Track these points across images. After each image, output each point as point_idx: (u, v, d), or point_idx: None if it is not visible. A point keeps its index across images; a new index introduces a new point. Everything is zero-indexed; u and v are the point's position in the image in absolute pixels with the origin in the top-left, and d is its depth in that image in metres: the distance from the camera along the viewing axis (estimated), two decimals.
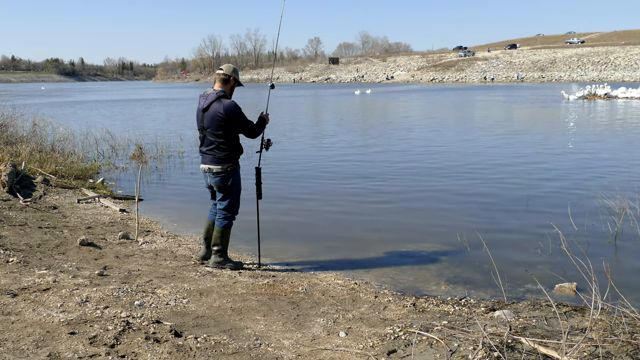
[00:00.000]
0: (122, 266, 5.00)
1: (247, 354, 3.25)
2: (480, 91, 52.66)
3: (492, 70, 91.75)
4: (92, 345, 3.10)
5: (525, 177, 9.89)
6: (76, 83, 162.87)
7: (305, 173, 10.86)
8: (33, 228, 6.02)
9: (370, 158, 12.65)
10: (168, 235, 6.45)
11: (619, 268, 5.25)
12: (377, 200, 8.34)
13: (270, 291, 4.47)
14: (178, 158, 12.74)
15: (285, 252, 5.92)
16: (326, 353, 3.33)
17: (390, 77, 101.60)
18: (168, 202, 8.44)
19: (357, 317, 3.98)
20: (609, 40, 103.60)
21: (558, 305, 4.08)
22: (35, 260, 4.89)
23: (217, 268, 5.08)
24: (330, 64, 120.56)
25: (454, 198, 8.42)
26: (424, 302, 4.41)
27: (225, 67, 4.99)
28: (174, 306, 3.96)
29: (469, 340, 3.36)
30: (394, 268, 5.39)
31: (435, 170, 10.87)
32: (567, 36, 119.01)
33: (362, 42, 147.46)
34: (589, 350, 3.13)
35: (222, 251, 5.08)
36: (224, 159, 4.89)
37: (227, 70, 4.94)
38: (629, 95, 34.73)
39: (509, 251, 5.82)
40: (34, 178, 8.62)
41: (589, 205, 7.57)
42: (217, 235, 5.03)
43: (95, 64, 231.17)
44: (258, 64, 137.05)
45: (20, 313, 3.53)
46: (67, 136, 12.67)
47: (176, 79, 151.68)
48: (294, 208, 7.96)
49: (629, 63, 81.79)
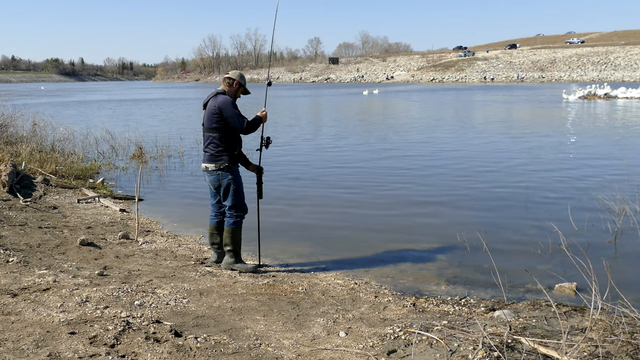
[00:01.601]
0: (122, 266, 5.00)
1: (247, 354, 3.25)
2: (481, 91, 52.66)
3: (492, 70, 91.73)
4: (92, 345, 3.10)
5: (525, 177, 9.89)
6: (76, 83, 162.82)
7: (305, 173, 10.85)
8: (33, 228, 6.02)
9: (371, 158, 12.65)
10: (168, 235, 6.46)
11: (619, 268, 5.25)
12: (377, 201, 8.34)
13: (270, 291, 4.48)
14: (178, 158, 12.74)
15: (285, 252, 5.92)
16: (326, 353, 3.34)
17: (390, 77, 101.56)
18: (168, 202, 8.44)
19: (357, 317, 3.98)
20: (609, 40, 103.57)
21: (558, 305, 4.08)
22: (35, 260, 4.89)
23: (228, 269, 5.09)
24: (330, 64, 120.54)
25: (454, 198, 8.41)
26: (424, 302, 4.41)
27: (232, 72, 5.11)
28: (174, 306, 3.96)
29: (469, 340, 3.36)
30: (394, 268, 5.39)
31: (436, 170, 10.87)
32: (567, 36, 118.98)
33: (362, 42, 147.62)
34: (589, 350, 3.13)
35: (233, 251, 5.09)
36: (217, 156, 4.89)
37: (232, 74, 5.06)
38: (629, 95, 34.73)
39: (509, 251, 5.83)
40: (34, 178, 8.62)
41: (589, 205, 7.57)
42: (227, 235, 5.06)
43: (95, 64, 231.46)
44: (258, 64, 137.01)
45: (20, 313, 3.53)
46: (67, 136, 12.67)
47: (176, 79, 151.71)
48: (294, 208, 7.95)
49: (629, 63, 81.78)
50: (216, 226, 5.16)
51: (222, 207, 5.10)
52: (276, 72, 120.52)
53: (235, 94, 5.03)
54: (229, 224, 5.03)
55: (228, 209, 5.01)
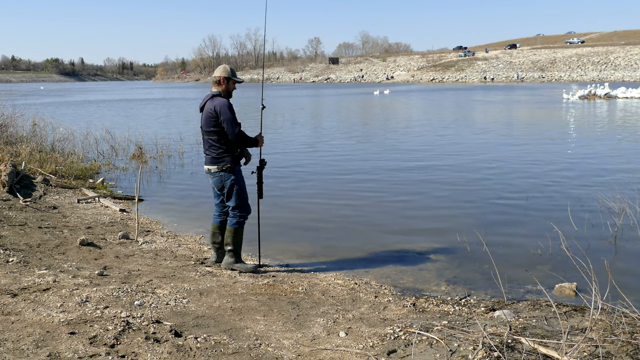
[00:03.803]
0: (122, 266, 5.00)
1: (247, 354, 3.25)
2: (481, 91, 52.67)
3: (492, 70, 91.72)
4: (92, 345, 3.10)
5: (526, 177, 9.89)
6: (76, 83, 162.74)
7: (305, 173, 10.86)
8: (33, 228, 6.02)
9: (371, 158, 12.65)
10: (168, 235, 6.45)
11: (619, 268, 5.24)
12: (377, 200, 8.34)
13: (270, 291, 4.48)
14: (178, 158, 12.74)
15: (285, 252, 5.92)
16: (326, 353, 3.33)
17: (390, 77, 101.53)
18: (168, 202, 8.44)
19: (357, 317, 3.98)
20: (609, 40, 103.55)
21: (558, 305, 4.08)
22: (35, 260, 4.89)
23: (228, 269, 5.09)
24: (330, 64, 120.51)
25: (454, 198, 8.41)
26: (424, 302, 4.41)
27: (216, 70, 5.04)
28: (174, 306, 3.96)
29: (469, 340, 3.36)
30: (394, 268, 5.39)
31: (436, 170, 10.87)
32: (567, 36, 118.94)
33: (362, 42, 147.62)
34: (589, 350, 3.13)
35: (234, 251, 5.08)
36: (218, 158, 4.89)
37: (217, 72, 4.99)
38: (629, 95, 34.74)
39: (509, 251, 5.83)
40: (34, 178, 8.62)
41: (589, 205, 7.57)
42: (228, 235, 5.06)
43: (95, 64, 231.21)
44: (258, 64, 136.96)
45: (20, 313, 3.53)
46: (67, 136, 12.66)
47: (176, 79, 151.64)
48: (295, 208, 7.96)
49: (629, 63, 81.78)
50: (219, 225, 5.16)
51: (226, 207, 5.10)
52: (276, 72, 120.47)
53: (229, 89, 4.99)
54: (232, 223, 5.03)
55: (232, 209, 5.01)
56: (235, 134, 4.81)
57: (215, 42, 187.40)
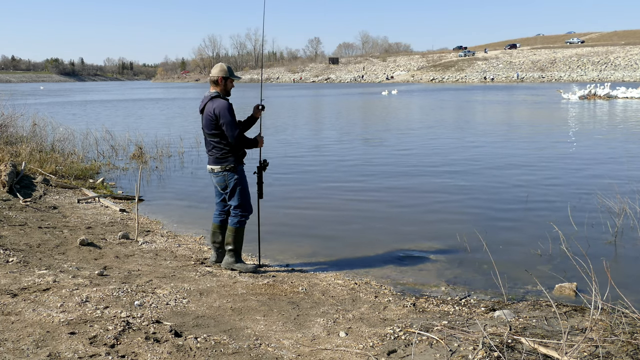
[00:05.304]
0: (122, 266, 5.00)
1: (247, 354, 3.25)
2: (481, 91, 52.66)
3: (492, 70, 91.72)
4: (92, 345, 3.10)
5: (525, 177, 9.89)
6: (76, 83, 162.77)
7: (306, 173, 10.85)
8: (33, 228, 6.02)
9: (371, 158, 12.65)
10: (168, 235, 6.45)
11: (619, 268, 5.25)
12: (377, 201, 8.34)
13: (270, 291, 4.47)
14: (178, 158, 12.73)
15: (285, 252, 5.91)
16: (326, 353, 3.33)
17: (390, 77, 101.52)
18: (168, 202, 8.44)
19: (357, 317, 3.98)
20: (609, 40, 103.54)
21: (558, 305, 4.08)
22: (35, 260, 4.89)
23: (228, 268, 5.09)
24: (330, 64, 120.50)
25: (454, 198, 8.41)
26: (424, 302, 4.41)
27: (212, 71, 5.00)
28: (174, 306, 3.96)
29: (469, 340, 3.36)
30: (394, 268, 5.39)
31: (436, 170, 10.87)
32: (567, 36, 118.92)
33: (362, 42, 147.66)
34: (589, 350, 3.13)
35: (234, 251, 5.08)
36: (221, 158, 4.89)
37: (213, 73, 4.96)
38: (629, 95, 34.74)
39: (509, 251, 5.82)
40: (34, 178, 8.62)
41: (589, 205, 7.57)
42: (229, 234, 5.06)
43: (95, 64, 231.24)
44: (258, 63, 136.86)
45: (20, 313, 3.53)
46: (67, 136, 12.66)
47: (176, 79, 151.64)
48: (295, 208, 7.95)
49: (629, 63, 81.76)
50: (219, 225, 5.15)
51: (227, 206, 5.09)
52: (276, 72, 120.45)
53: (227, 89, 4.97)
54: (233, 222, 5.02)
55: (234, 208, 5.01)
56: (235, 136, 4.81)
57: (215, 42, 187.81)
